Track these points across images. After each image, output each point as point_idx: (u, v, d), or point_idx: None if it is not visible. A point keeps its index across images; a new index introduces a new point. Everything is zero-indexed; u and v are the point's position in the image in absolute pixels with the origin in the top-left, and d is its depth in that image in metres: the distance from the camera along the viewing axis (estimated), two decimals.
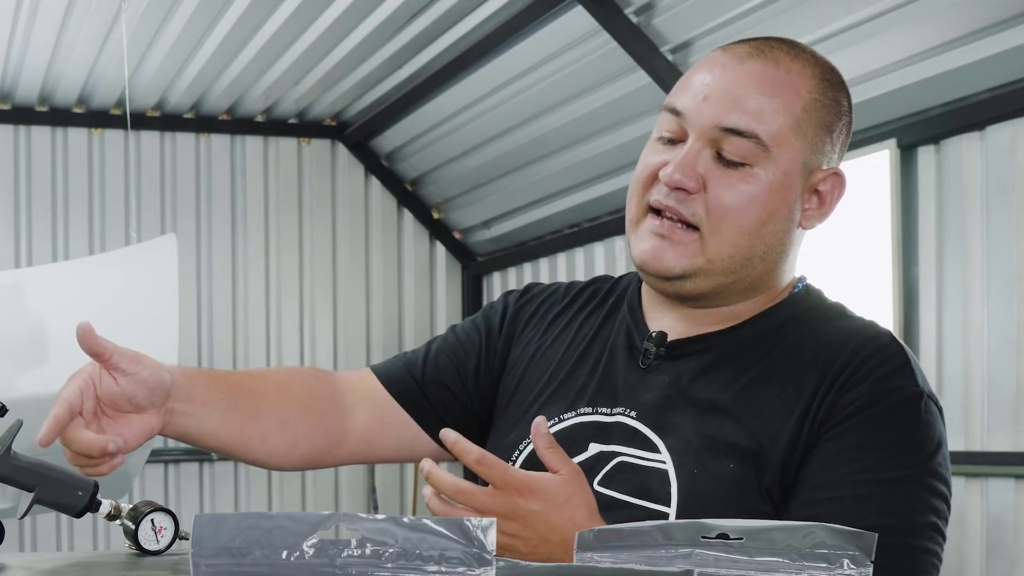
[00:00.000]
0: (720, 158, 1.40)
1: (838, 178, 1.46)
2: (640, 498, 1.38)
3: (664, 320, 1.49)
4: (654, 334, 1.48)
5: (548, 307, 1.61)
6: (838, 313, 1.48)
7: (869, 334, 1.42)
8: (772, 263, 1.45)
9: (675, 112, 1.43)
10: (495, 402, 1.61)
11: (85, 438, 1.36)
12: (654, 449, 1.39)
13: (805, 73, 1.43)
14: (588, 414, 1.47)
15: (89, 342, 1.38)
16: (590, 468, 1.41)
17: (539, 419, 1.34)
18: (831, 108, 1.44)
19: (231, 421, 1.51)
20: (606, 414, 1.45)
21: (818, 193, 1.45)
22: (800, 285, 1.50)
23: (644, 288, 1.54)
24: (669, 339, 1.47)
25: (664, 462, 1.38)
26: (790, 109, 1.40)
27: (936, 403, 1.39)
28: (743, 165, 1.39)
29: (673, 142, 1.44)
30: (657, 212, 1.43)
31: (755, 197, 1.40)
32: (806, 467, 1.34)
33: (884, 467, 1.33)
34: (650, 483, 1.38)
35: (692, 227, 1.41)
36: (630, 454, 1.41)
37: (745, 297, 1.46)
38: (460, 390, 1.61)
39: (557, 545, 1.28)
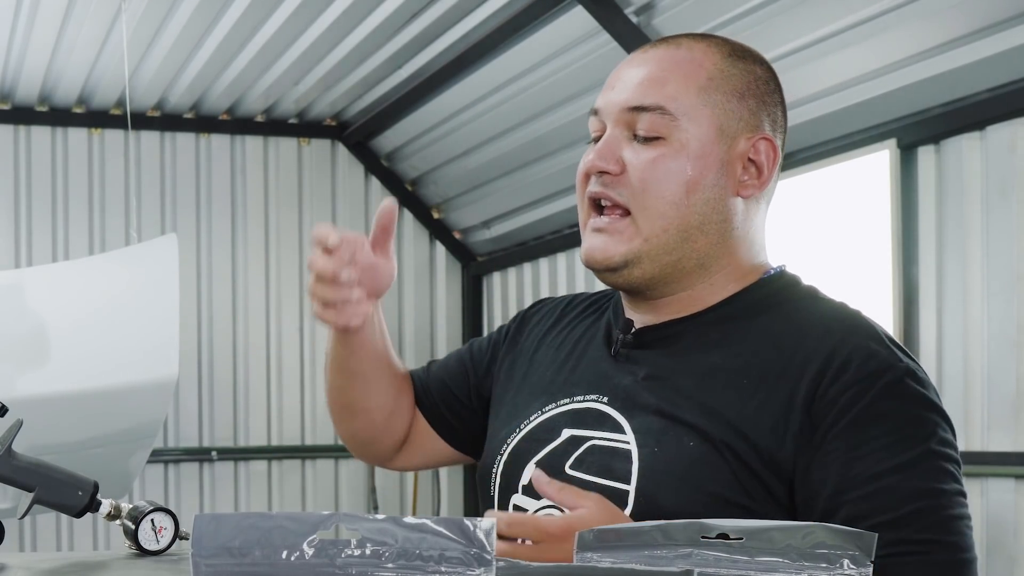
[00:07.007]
0: (636, 138, 1.45)
1: (770, 144, 1.48)
2: (603, 477, 1.41)
3: (637, 316, 1.53)
4: (624, 323, 1.53)
5: (552, 316, 1.67)
6: (809, 295, 1.49)
7: (840, 316, 1.44)
8: (713, 235, 1.46)
9: (595, 112, 1.50)
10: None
11: (329, 263, 1.49)
12: (621, 431, 1.43)
13: (709, 51, 1.48)
14: (566, 404, 1.51)
15: (389, 219, 1.55)
16: (562, 452, 1.46)
17: (536, 472, 1.38)
18: (741, 76, 1.47)
19: (383, 359, 1.67)
20: (579, 401, 1.50)
21: (754, 162, 1.47)
22: (774, 271, 1.52)
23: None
24: (638, 327, 1.51)
25: (628, 442, 1.41)
26: (693, 78, 1.45)
27: (919, 368, 1.40)
28: (656, 139, 1.44)
29: (599, 139, 1.49)
30: (597, 207, 1.48)
31: (673, 166, 1.43)
32: (817, 473, 1.35)
33: (895, 454, 1.34)
34: (614, 463, 1.41)
35: (624, 213, 1.45)
36: (600, 437, 1.45)
37: (699, 277, 1.48)
38: (466, 398, 1.72)
39: None
